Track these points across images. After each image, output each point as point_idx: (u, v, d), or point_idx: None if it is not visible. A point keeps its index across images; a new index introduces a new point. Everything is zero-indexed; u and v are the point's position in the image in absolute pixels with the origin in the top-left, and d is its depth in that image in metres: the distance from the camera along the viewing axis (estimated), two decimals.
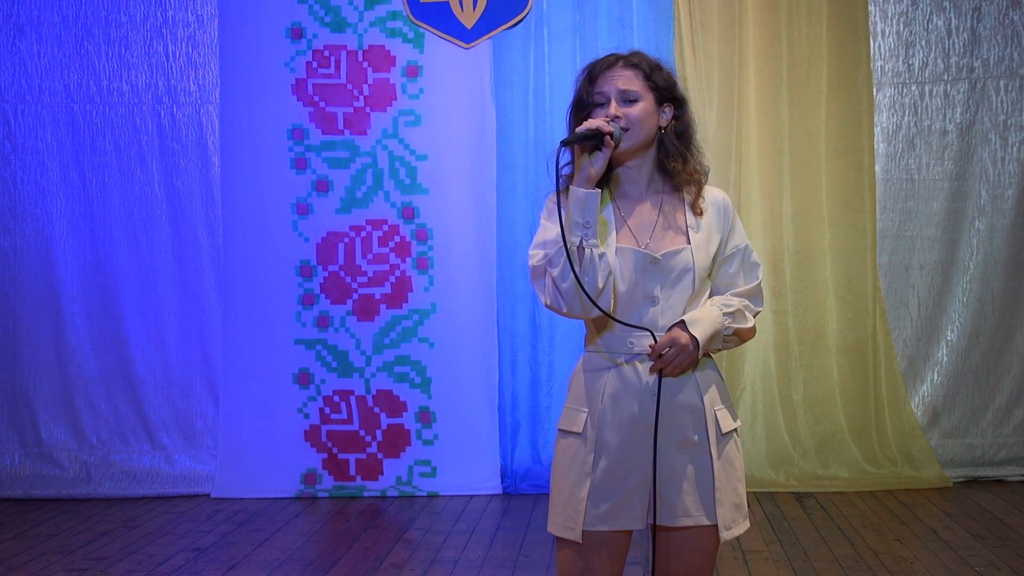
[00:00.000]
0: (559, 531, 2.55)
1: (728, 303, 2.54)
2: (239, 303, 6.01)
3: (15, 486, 6.07)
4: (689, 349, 2.45)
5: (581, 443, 2.54)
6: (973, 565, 4.48)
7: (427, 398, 5.97)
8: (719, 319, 2.50)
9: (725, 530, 2.53)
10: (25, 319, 6.14)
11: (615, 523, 2.51)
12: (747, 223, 5.90)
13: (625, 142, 2.49)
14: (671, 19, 5.85)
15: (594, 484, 2.51)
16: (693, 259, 2.51)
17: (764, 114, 5.90)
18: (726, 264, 2.59)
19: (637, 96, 2.50)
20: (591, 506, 2.51)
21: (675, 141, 2.57)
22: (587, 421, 2.53)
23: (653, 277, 2.50)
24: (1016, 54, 5.89)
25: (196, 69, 6.08)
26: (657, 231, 2.53)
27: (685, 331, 2.46)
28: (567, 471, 2.55)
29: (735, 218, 2.61)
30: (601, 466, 2.51)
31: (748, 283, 2.59)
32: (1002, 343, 5.96)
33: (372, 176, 5.99)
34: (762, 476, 5.84)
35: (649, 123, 2.52)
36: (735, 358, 5.91)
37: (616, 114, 2.47)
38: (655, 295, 2.50)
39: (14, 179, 6.13)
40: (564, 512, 2.54)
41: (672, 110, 2.57)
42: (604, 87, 2.51)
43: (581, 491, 2.51)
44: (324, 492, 5.96)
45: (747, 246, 2.60)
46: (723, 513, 2.52)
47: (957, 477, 5.88)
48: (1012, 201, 5.92)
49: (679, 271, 2.50)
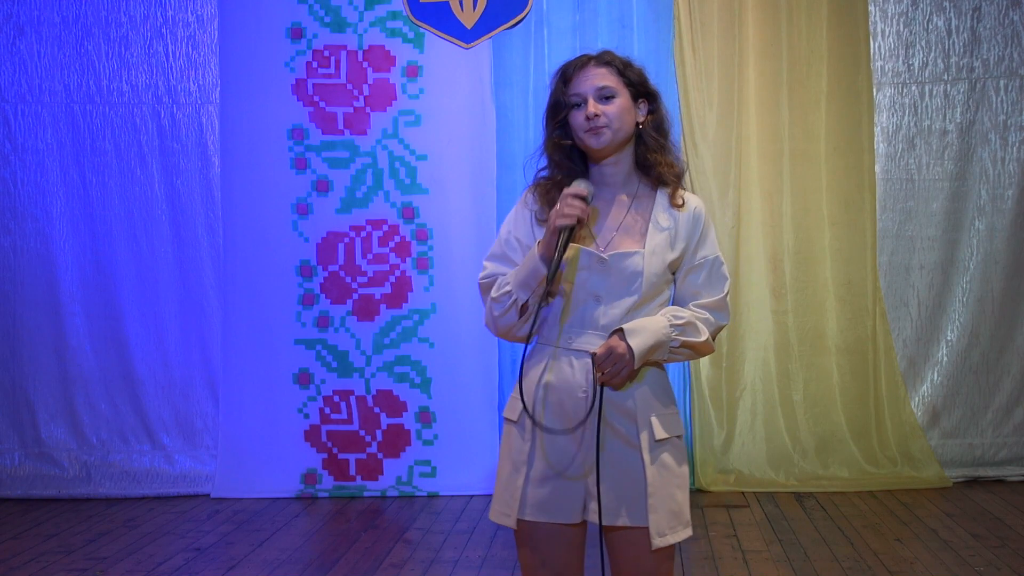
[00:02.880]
0: (496, 518, 2.58)
1: (679, 315, 2.50)
2: (239, 303, 6.01)
3: (15, 486, 6.07)
4: (626, 359, 2.42)
5: (519, 432, 2.56)
6: (973, 565, 4.48)
7: (427, 398, 5.97)
8: (664, 330, 2.46)
9: (658, 536, 2.48)
10: (25, 319, 6.14)
11: (550, 515, 2.53)
12: (747, 223, 5.90)
13: (604, 138, 2.49)
14: (671, 19, 5.86)
15: (529, 474, 2.53)
16: (644, 264, 2.49)
17: (764, 114, 5.90)
18: (693, 274, 2.55)
19: (613, 92, 2.51)
20: (527, 496, 2.53)
21: (654, 135, 2.56)
22: (523, 411, 2.54)
23: (600, 277, 2.49)
24: (1016, 54, 5.90)
25: (196, 69, 6.08)
26: (618, 234, 2.53)
27: (623, 340, 2.43)
28: (505, 459, 2.59)
29: (708, 228, 2.57)
30: (537, 456, 2.54)
31: (712, 296, 2.54)
32: (1002, 343, 5.96)
33: (372, 176, 5.99)
34: (762, 476, 5.84)
35: (627, 119, 2.52)
36: (735, 358, 5.92)
37: (596, 112, 2.48)
38: (599, 294, 2.50)
39: (14, 179, 6.14)
40: (502, 499, 2.57)
41: (647, 105, 2.57)
42: (579, 87, 2.51)
43: (517, 479, 2.54)
44: (324, 492, 5.96)
45: (717, 258, 2.56)
46: (656, 519, 2.48)
47: (957, 477, 5.88)
48: (1012, 201, 5.92)
49: (628, 274, 2.49)
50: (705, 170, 5.86)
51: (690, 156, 5.85)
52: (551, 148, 2.56)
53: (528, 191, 2.61)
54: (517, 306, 2.48)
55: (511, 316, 2.49)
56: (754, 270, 5.93)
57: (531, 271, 2.45)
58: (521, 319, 2.49)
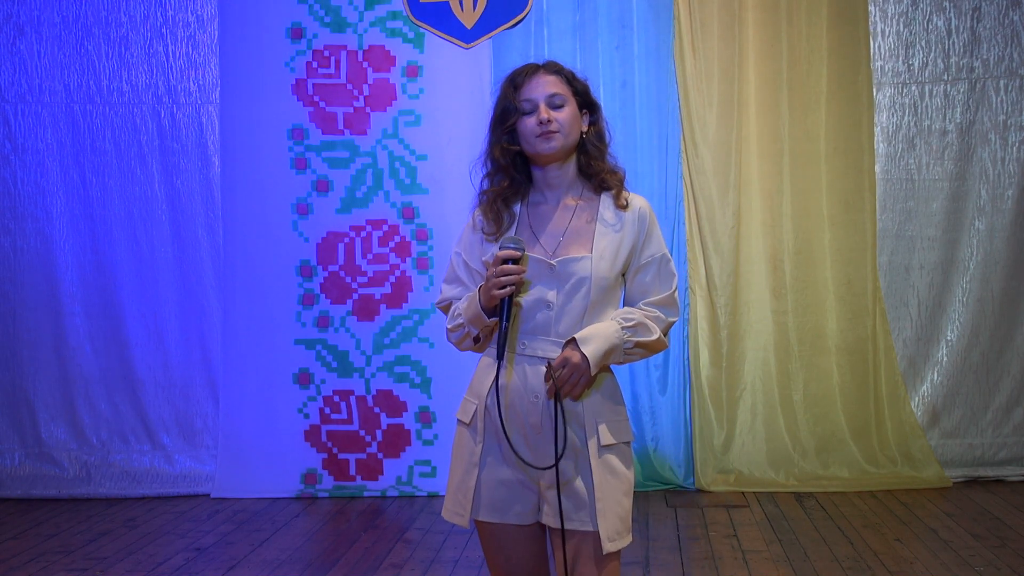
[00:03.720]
0: (449, 516, 2.65)
1: (629, 316, 2.55)
2: (239, 303, 6.01)
3: (15, 486, 6.07)
4: (582, 367, 2.47)
5: (471, 434, 2.63)
6: (973, 565, 4.48)
7: (427, 398, 5.97)
8: (615, 334, 2.50)
9: (608, 541, 2.52)
10: (25, 319, 6.14)
11: (504, 516, 2.59)
12: (747, 223, 5.90)
13: (555, 143, 2.55)
14: (671, 19, 5.86)
15: (481, 475, 2.60)
16: (592, 268, 2.53)
17: (764, 114, 5.90)
18: (641, 273, 2.61)
19: (564, 100, 2.58)
20: (480, 496, 2.60)
21: (596, 143, 2.64)
22: (476, 413, 2.62)
23: (549, 283, 2.54)
24: (1016, 54, 5.90)
25: (196, 69, 6.08)
26: (565, 239, 2.58)
27: (577, 349, 2.48)
28: (458, 460, 2.65)
29: (652, 227, 2.61)
30: (488, 459, 2.60)
31: (661, 292, 2.60)
32: (1002, 343, 5.96)
33: (372, 176, 5.99)
34: (762, 476, 5.84)
35: (575, 126, 2.60)
36: (735, 358, 5.92)
37: (548, 117, 2.54)
38: (550, 301, 2.54)
39: (14, 179, 6.14)
40: (455, 499, 2.64)
41: (589, 115, 2.65)
42: (531, 94, 2.58)
43: (470, 480, 2.61)
44: (324, 492, 5.96)
45: (664, 255, 2.61)
46: (605, 524, 2.53)
47: (957, 477, 5.88)
48: (1012, 201, 5.92)
49: (576, 279, 2.53)
50: (705, 170, 5.86)
51: (690, 156, 5.86)
52: (498, 153, 2.62)
53: (475, 213, 2.69)
54: (471, 337, 2.59)
55: (467, 343, 2.61)
56: (754, 270, 5.93)
57: (475, 315, 2.55)
58: (477, 345, 2.61)
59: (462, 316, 2.58)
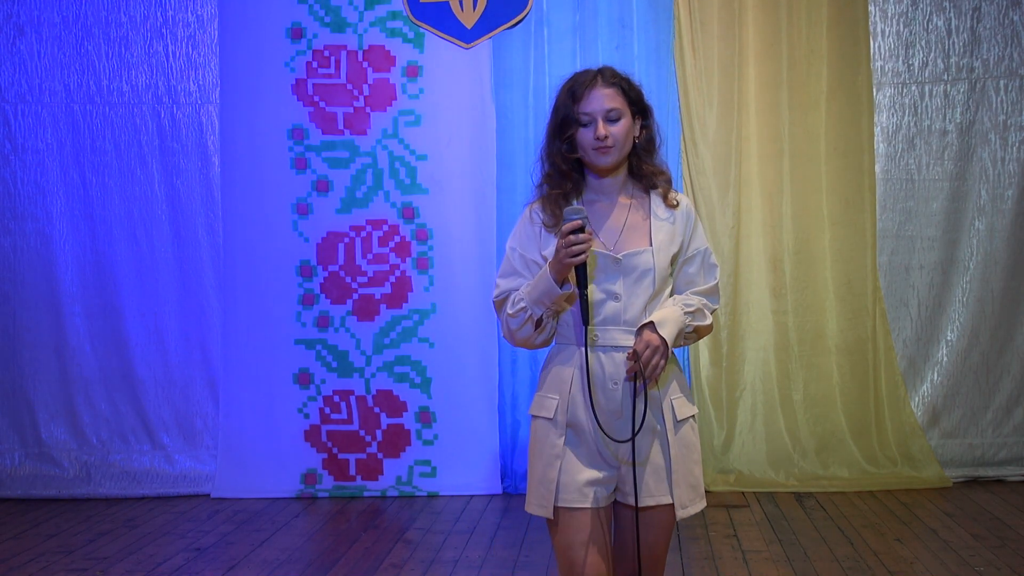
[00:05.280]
0: (533, 510, 2.77)
1: (688, 302, 2.74)
2: (239, 303, 6.01)
3: (15, 486, 6.07)
4: (663, 349, 2.65)
5: (552, 427, 2.74)
6: (973, 565, 4.48)
7: (427, 398, 5.97)
8: (681, 318, 2.70)
9: (681, 508, 2.75)
10: (25, 319, 6.14)
11: (586, 500, 2.71)
12: (747, 223, 5.91)
13: (611, 158, 2.70)
14: (671, 19, 5.86)
15: (564, 465, 2.72)
16: (654, 260, 2.71)
17: (764, 114, 5.90)
18: (687, 265, 2.80)
19: (620, 114, 2.70)
20: (562, 486, 2.71)
21: (647, 147, 2.79)
22: (557, 407, 2.73)
23: (615, 276, 2.71)
24: (1016, 54, 5.90)
25: (196, 69, 6.08)
26: (624, 234, 2.74)
27: (655, 332, 2.64)
28: (538, 455, 2.77)
29: (697, 223, 2.81)
30: (570, 449, 2.73)
31: (707, 282, 2.80)
32: (1002, 343, 5.96)
33: (372, 176, 5.99)
34: (762, 476, 5.84)
35: (629, 137, 2.74)
36: (735, 358, 5.92)
37: (605, 133, 2.67)
38: (617, 292, 2.70)
39: (14, 179, 6.14)
40: (538, 492, 2.75)
41: (642, 120, 2.78)
42: (589, 107, 2.69)
43: (552, 472, 2.72)
44: (324, 492, 5.96)
45: (707, 249, 2.82)
46: (679, 493, 2.74)
47: (957, 477, 5.88)
48: (1012, 201, 5.92)
49: (640, 271, 2.71)
50: (705, 170, 5.86)
51: (690, 156, 5.85)
52: (559, 160, 2.74)
53: (530, 207, 2.79)
54: (532, 320, 2.69)
55: (527, 330, 2.71)
56: (754, 270, 5.93)
57: (544, 291, 2.66)
58: (536, 331, 2.71)
59: (524, 300, 2.68)
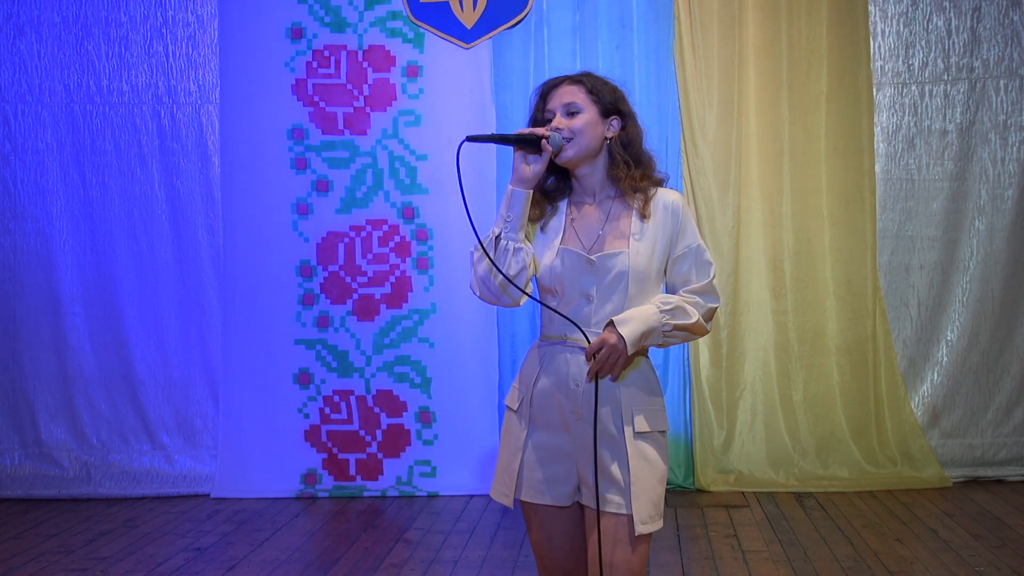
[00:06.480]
0: (497, 496, 2.82)
1: (667, 300, 2.67)
2: (239, 303, 6.01)
3: (15, 486, 6.07)
4: (619, 348, 2.60)
5: (517, 419, 2.79)
6: (973, 565, 4.48)
7: (427, 398, 5.98)
8: (653, 316, 2.63)
9: (641, 524, 2.65)
10: (25, 319, 6.14)
11: (544, 497, 2.74)
12: (747, 223, 5.90)
13: (570, 150, 2.70)
14: (671, 19, 5.86)
15: (525, 458, 2.75)
16: (629, 263, 2.67)
17: (764, 114, 5.90)
18: (678, 263, 2.73)
19: (579, 108, 2.72)
20: (523, 478, 2.75)
21: (620, 151, 2.75)
22: (522, 400, 2.77)
23: (589, 277, 2.69)
24: (1016, 54, 5.90)
25: (196, 69, 6.08)
26: (603, 235, 2.72)
27: (614, 331, 2.61)
28: (506, 444, 2.81)
29: (686, 219, 2.74)
30: (531, 443, 2.75)
31: (700, 280, 2.72)
32: (1002, 343, 5.96)
33: (372, 176, 5.99)
34: (762, 476, 5.84)
35: (592, 133, 2.72)
36: (735, 358, 5.92)
37: (559, 125, 2.70)
38: (590, 294, 2.68)
39: (14, 179, 6.14)
40: (502, 480, 2.81)
41: (619, 122, 2.76)
42: (552, 104, 2.74)
43: (515, 463, 2.77)
44: (324, 492, 5.96)
45: (699, 246, 2.74)
46: (639, 507, 2.66)
47: (957, 477, 5.88)
48: (1012, 201, 5.92)
49: (615, 274, 2.67)
50: (705, 170, 5.86)
51: (690, 156, 5.86)
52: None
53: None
54: (493, 238, 2.71)
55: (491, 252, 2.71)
56: (754, 270, 5.93)
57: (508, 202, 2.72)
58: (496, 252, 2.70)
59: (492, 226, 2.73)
